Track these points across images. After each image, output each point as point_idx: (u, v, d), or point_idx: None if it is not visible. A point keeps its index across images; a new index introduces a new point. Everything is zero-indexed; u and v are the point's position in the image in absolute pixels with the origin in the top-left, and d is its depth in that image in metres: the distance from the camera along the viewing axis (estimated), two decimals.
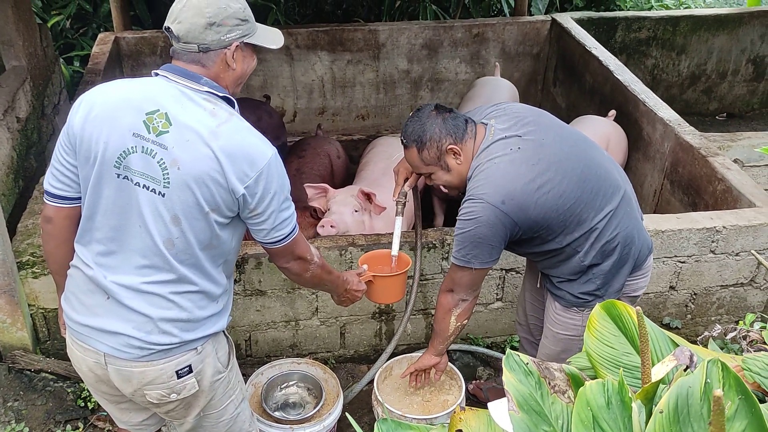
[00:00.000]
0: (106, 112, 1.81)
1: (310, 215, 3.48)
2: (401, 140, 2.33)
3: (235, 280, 2.96)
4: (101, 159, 1.80)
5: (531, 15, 5.77)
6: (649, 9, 7.16)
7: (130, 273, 1.86)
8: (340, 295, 2.38)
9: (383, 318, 3.25)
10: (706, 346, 1.69)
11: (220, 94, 1.86)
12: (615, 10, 6.61)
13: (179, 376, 1.94)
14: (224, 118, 1.81)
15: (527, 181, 2.15)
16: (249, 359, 3.24)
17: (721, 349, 2.15)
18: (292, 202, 1.96)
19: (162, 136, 1.78)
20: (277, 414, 2.67)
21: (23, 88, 3.97)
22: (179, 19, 1.81)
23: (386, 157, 3.89)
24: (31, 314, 2.94)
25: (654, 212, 3.95)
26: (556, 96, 5.37)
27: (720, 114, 6.10)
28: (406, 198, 2.62)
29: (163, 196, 1.79)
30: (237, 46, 1.86)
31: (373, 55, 5.22)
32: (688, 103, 5.93)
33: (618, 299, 2.37)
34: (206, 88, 1.84)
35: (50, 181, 1.92)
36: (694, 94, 5.97)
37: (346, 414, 1.67)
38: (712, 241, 3.17)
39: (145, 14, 5.74)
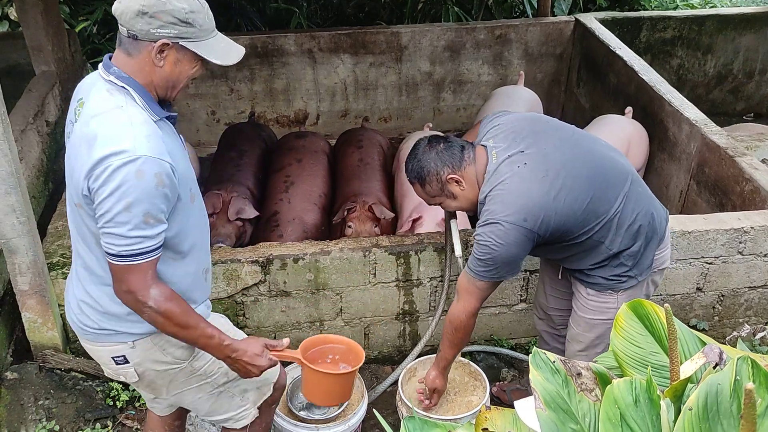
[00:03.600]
0: (72, 101, 1.92)
1: (369, 209, 3.55)
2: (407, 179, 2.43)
3: (260, 281, 3.00)
4: (66, 142, 1.92)
5: (554, 16, 5.75)
6: (674, 8, 7.08)
7: (75, 249, 1.99)
8: (226, 363, 2.02)
9: (407, 319, 3.26)
10: (734, 346, 1.67)
11: (119, 84, 1.79)
12: (639, 10, 6.55)
13: (117, 363, 2.01)
14: (104, 108, 1.76)
15: (542, 193, 2.19)
16: None
17: (750, 350, 2.12)
18: (151, 225, 1.75)
19: (76, 121, 1.83)
20: (302, 413, 2.69)
21: (52, 93, 4.04)
22: None
23: None
24: (61, 314, 2.99)
25: (680, 213, 3.91)
26: (580, 97, 5.34)
27: (747, 114, 6.02)
28: None
29: (70, 180, 1.87)
30: (166, 44, 1.77)
31: (396, 57, 5.24)
32: (715, 104, 5.86)
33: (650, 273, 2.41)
34: (111, 78, 1.80)
35: None
36: (721, 94, 5.90)
37: (374, 411, 1.68)
38: (740, 242, 3.14)
39: None
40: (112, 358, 2.00)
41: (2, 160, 2.56)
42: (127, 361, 2.00)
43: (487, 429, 1.33)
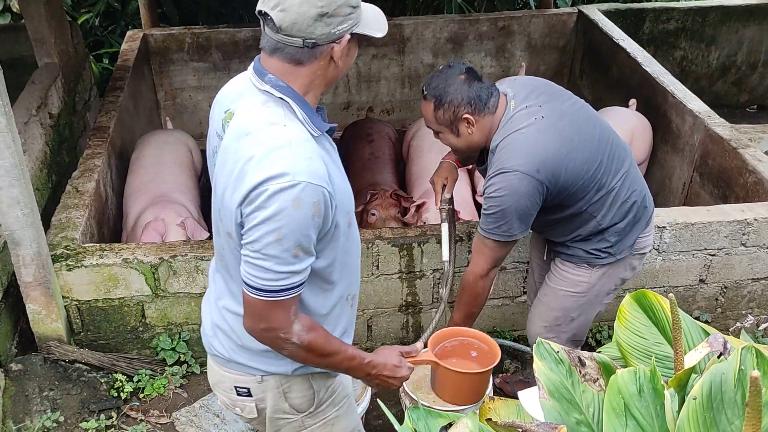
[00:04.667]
0: (213, 109, 1.73)
1: (391, 196, 3.54)
2: (422, 89, 2.29)
3: None
4: (208, 154, 1.77)
5: (557, 7, 5.73)
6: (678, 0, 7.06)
7: (220, 273, 1.82)
8: (364, 380, 1.87)
9: (410, 311, 3.26)
10: (738, 337, 1.67)
11: (277, 95, 1.56)
12: (642, 2, 6.53)
13: (238, 393, 1.83)
14: (260, 125, 1.54)
15: (557, 148, 2.17)
16: None
17: (754, 341, 2.13)
18: (301, 259, 1.54)
19: (223, 141, 1.64)
20: None
21: (55, 85, 4.04)
22: (282, 6, 1.48)
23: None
24: (65, 306, 3.00)
25: (683, 205, 3.90)
26: (583, 89, 5.33)
27: (750, 106, 6.00)
28: (449, 204, 2.65)
29: (216, 202, 1.67)
30: (348, 38, 1.56)
31: (398, 49, 5.22)
32: (718, 95, 5.84)
33: (629, 255, 2.43)
34: (267, 87, 1.56)
35: None
36: (724, 85, 5.88)
37: (378, 401, 1.68)
38: (743, 234, 3.13)
39: (172, 11, 5.80)
40: (235, 387, 1.82)
41: (6, 152, 2.56)
42: (249, 395, 1.82)
43: (490, 419, 1.33)
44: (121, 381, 3.00)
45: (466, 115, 2.22)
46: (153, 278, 2.98)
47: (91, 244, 3.03)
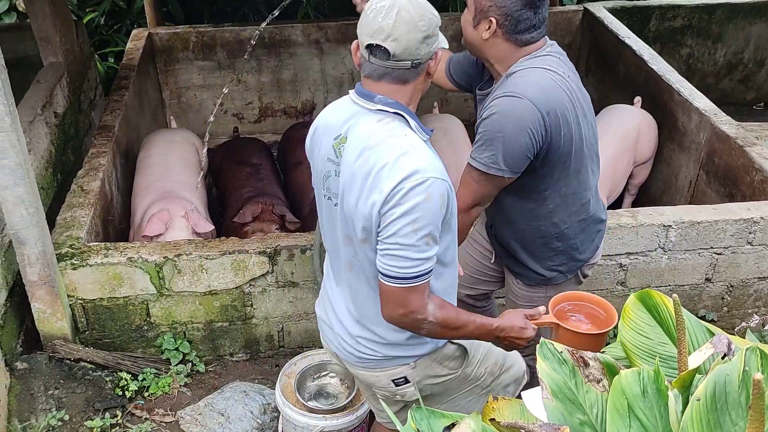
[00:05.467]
0: (317, 137, 1.91)
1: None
2: None
3: (268, 272, 3.01)
4: (316, 179, 1.93)
5: (562, 5, 5.71)
6: None
7: (340, 285, 2.01)
8: (494, 343, 2.10)
9: None
10: (743, 336, 1.67)
11: (391, 111, 1.76)
12: None
13: (396, 384, 2.00)
14: (380, 139, 1.73)
15: (565, 100, 2.09)
16: (282, 350, 3.28)
17: (759, 340, 2.11)
18: (431, 246, 1.74)
19: (341, 160, 1.81)
20: (310, 404, 2.70)
21: (60, 84, 4.05)
22: (394, 36, 1.69)
23: None
24: (70, 305, 3.00)
25: (689, 203, 3.89)
26: (588, 87, 5.26)
27: (757, 104, 5.97)
28: None
29: (343, 217, 1.85)
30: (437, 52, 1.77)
31: None
32: (725, 93, 5.81)
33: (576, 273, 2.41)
34: (378, 107, 1.77)
35: None
36: (731, 83, 5.85)
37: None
38: (750, 233, 3.12)
39: (177, 10, 5.81)
40: (393, 380, 2.01)
41: (11, 151, 2.56)
42: (407, 381, 2.01)
43: (494, 419, 1.33)
44: (126, 380, 3.00)
45: (493, 18, 2.10)
46: (158, 277, 2.98)
47: (96, 243, 3.04)
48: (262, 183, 3.99)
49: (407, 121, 1.77)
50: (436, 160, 1.76)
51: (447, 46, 1.82)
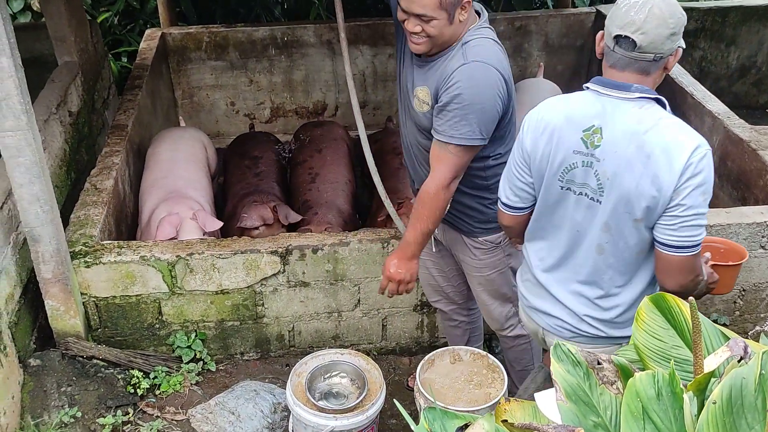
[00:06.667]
0: (553, 131, 1.98)
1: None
2: None
3: (279, 272, 3.02)
4: (549, 173, 2.00)
5: (575, 7, 5.69)
6: (697, 0, 6.99)
7: (565, 272, 2.11)
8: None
9: (425, 311, 3.26)
10: (757, 340, 1.66)
11: (652, 96, 1.89)
12: None
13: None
14: (651, 123, 1.86)
15: (509, 69, 2.31)
16: (292, 349, 3.29)
17: None
18: (705, 213, 1.89)
19: (596, 149, 1.91)
20: (321, 403, 2.71)
21: (75, 83, 4.07)
22: (643, 29, 1.82)
23: None
24: (83, 302, 3.02)
25: None
26: None
27: None
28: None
29: (600, 203, 1.95)
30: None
31: None
32: (738, 96, 5.77)
33: None
34: (637, 94, 1.88)
35: (507, 194, 2.16)
36: (744, 86, 5.81)
37: (394, 401, 1.69)
38: (762, 236, 3.10)
39: (190, 10, 5.83)
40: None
41: (27, 149, 2.59)
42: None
43: (506, 421, 1.33)
44: (138, 377, 3.02)
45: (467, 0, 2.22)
46: (170, 276, 3.00)
47: (109, 242, 3.06)
48: (259, 178, 4.02)
49: (664, 105, 1.91)
50: (698, 133, 1.90)
51: (685, 46, 1.94)
